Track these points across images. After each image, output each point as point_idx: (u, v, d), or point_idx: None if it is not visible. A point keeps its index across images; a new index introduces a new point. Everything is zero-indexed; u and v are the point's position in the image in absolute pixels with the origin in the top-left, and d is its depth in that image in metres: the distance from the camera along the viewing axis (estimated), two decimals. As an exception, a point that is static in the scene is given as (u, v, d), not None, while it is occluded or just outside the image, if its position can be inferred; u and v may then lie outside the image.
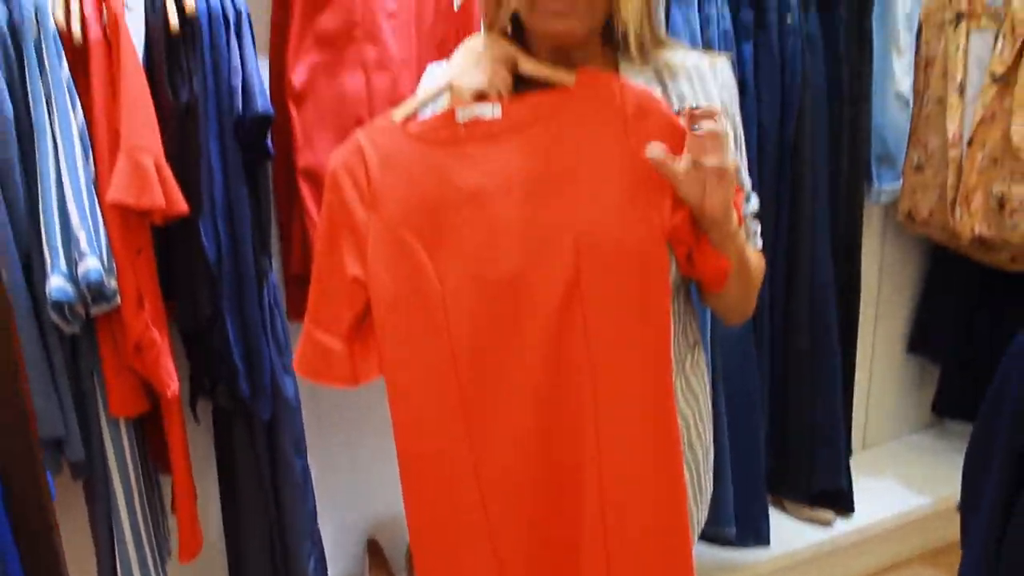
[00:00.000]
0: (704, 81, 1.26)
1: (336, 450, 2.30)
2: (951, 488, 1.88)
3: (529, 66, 1.20)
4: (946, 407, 3.19)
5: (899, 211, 2.86)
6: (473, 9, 1.94)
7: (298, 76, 1.85)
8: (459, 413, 1.17)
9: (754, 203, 1.28)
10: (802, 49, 2.16)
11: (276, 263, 1.98)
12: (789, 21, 2.11)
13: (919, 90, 2.72)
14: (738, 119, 1.28)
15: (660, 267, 1.13)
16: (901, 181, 2.77)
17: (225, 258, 1.68)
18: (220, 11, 1.59)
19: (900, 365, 3.25)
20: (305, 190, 1.89)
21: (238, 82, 1.60)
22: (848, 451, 2.62)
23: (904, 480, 2.96)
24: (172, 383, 1.63)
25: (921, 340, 3.20)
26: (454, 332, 1.16)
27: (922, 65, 2.72)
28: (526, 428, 1.16)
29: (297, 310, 1.99)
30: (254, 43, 1.66)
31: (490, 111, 1.17)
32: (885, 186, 2.73)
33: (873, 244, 2.93)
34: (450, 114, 1.18)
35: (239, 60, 1.60)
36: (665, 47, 1.27)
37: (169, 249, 1.73)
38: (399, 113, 1.23)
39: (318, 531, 2.05)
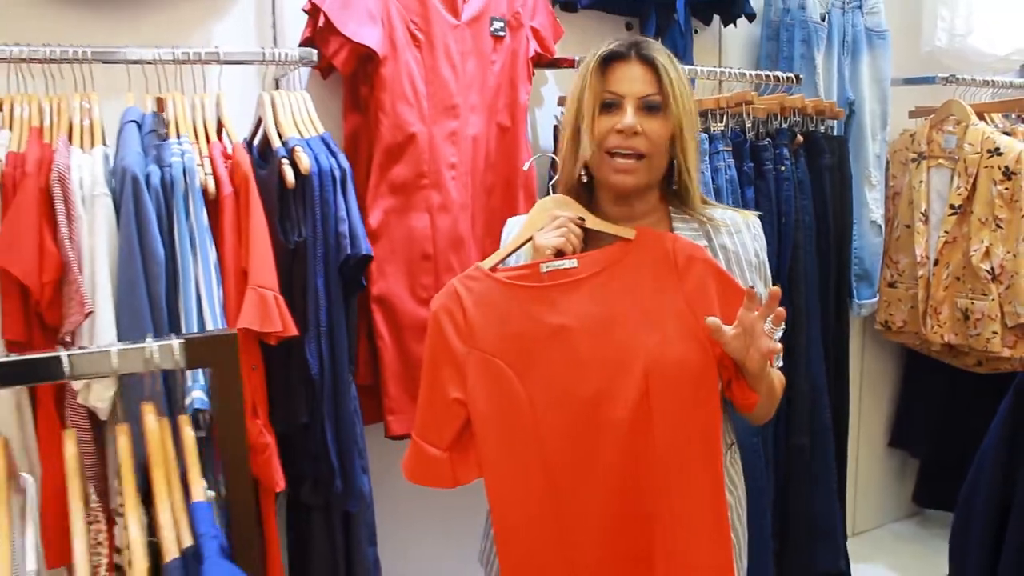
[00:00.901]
0: (740, 234, 1.54)
1: (405, 537, 2.51)
2: (939, 572, 2.12)
3: (596, 223, 1.49)
4: (925, 498, 3.44)
5: (877, 321, 3.20)
6: (517, 163, 2.29)
7: (374, 217, 2.13)
8: (549, 507, 1.40)
9: (778, 334, 1.52)
10: (794, 193, 2.45)
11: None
12: (783, 169, 2.42)
13: (889, 217, 3.09)
14: (767, 263, 1.57)
15: (712, 384, 1.39)
16: (877, 296, 3.11)
17: (326, 372, 1.93)
18: (329, 169, 1.87)
19: (882, 459, 3.50)
20: (377, 314, 2.16)
21: (345, 229, 1.88)
22: (844, 535, 2.83)
23: (894, 566, 3.20)
24: (281, 481, 1.89)
25: (900, 436, 3.47)
26: (545, 442, 1.39)
27: (891, 196, 3.11)
28: (606, 514, 1.39)
29: (366, 415, 2.18)
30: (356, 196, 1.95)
31: (568, 263, 1.43)
32: (864, 300, 3.06)
33: (855, 350, 3.20)
34: (535, 265, 1.44)
35: (345, 210, 1.90)
36: (708, 205, 1.55)
37: (268, 363, 1.98)
38: (487, 263, 1.48)
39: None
